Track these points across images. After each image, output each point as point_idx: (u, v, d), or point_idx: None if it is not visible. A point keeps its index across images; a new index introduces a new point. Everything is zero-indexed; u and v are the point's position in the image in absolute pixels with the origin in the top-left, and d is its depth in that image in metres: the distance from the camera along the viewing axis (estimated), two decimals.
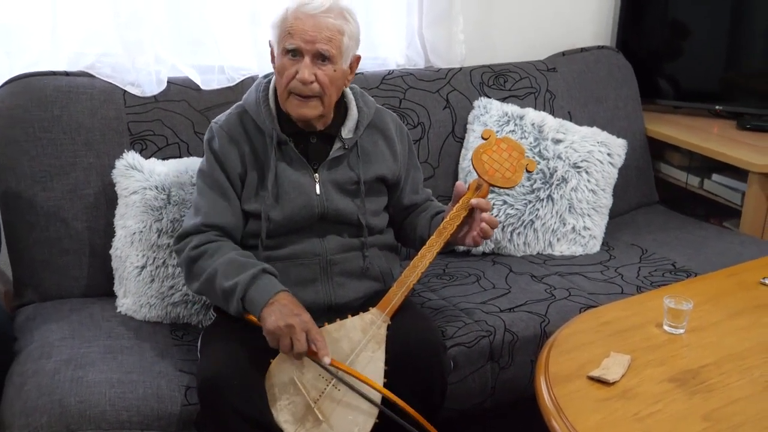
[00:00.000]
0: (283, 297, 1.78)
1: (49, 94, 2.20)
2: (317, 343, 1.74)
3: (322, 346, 1.74)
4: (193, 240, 1.90)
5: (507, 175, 1.99)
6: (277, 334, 1.73)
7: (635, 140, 2.98)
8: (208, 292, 1.88)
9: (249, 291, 1.79)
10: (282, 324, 1.72)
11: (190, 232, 1.92)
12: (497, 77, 2.82)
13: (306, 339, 1.73)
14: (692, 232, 2.81)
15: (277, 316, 1.73)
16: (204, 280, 1.85)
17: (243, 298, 1.79)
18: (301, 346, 1.72)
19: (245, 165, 1.94)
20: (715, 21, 3.11)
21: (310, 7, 1.83)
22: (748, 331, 1.90)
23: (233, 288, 1.79)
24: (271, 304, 1.76)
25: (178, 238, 1.95)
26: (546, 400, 1.63)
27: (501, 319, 2.17)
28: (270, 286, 1.80)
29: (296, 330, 1.72)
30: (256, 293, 1.78)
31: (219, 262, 1.84)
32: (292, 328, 1.72)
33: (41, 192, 2.18)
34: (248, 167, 1.94)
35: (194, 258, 1.88)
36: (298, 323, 1.73)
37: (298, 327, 1.72)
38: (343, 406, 1.76)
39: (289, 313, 1.74)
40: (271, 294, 1.78)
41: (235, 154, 1.94)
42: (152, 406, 1.79)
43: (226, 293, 1.81)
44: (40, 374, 1.82)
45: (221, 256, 1.86)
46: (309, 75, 1.84)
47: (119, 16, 2.30)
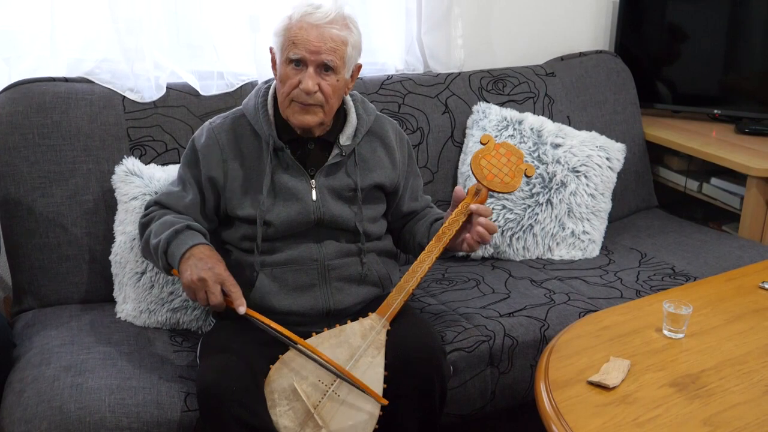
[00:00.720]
0: (199, 250, 1.82)
1: (48, 100, 2.20)
2: (232, 294, 1.77)
3: (237, 296, 1.78)
4: (148, 209, 2.01)
5: (506, 180, 1.99)
6: (192, 288, 1.77)
7: (634, 144, 2.99)
8: (147, 254, 1.96)
9: (170, 245, 1.83)
10: (195, 278, 1.76)
11: (149, 204, 2.03)
12: (496, 82, 2.82)
13: (221, 291, 1.77)
14: (691, 236, 2.81)
15: (192, 270, 1.77)
16: (143, 242, 1.94)
17: (165, 252, 1.84)
18: (215, 298, 1.76)
19: (224, 172, 1.95)
20: (714, 25, 3.11)
21: (314, 17, 1.83)
22: (748, 335, 1.90)
23: (157, 244, 1.85)
24: (188, 259, 1.80)
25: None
26: (546, 405, 1.63)
27: (501, 324, 2.17)
28: (188, 240, 1.83)
29: (209, 283, 1.75)
30: (175, 247, 1.83)
31: (155, 223, 1.92)
32: (204, 281, 1.76)
33: (41, 198, 2.18)
34: (230, 174, 1.95)
35: (143, 224, 1.98)
36: (211, 276, 1.76)
37: (210, 280, 1.76)
38: (343, 412, 1.75)
39: (203, 266, 1.77)
40: (187, 247, 1.81)
41: (217, 159, 1.95)
42: (152, 413, 1.79)
43: (154, 250, 1.87)
44: (39, 381, 1.82)
45: (160, 218, 1.93)
46: (313, 85, 1.84)
47: (118, 22, 2.30)
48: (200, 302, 1.79)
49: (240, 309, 1.78)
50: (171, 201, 1.99)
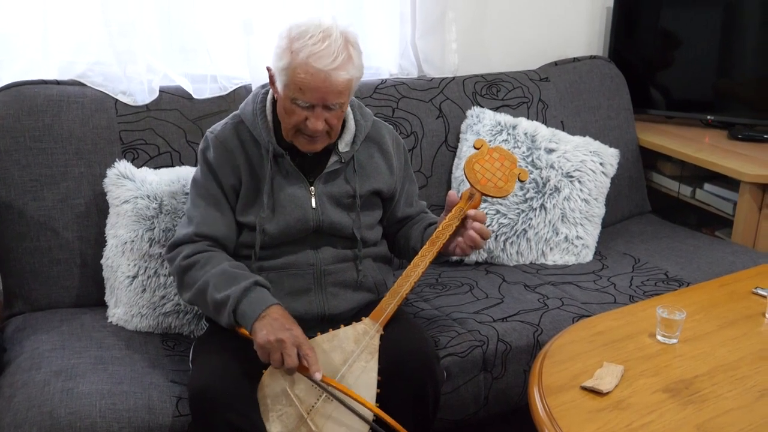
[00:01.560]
0: (274, 311, 1.77)
1: (40, 103, 2.19)
2: (308, 359, 1.72)
3: (314, 362, 1.72)
4: (185, 249, 1.89)
5: (499, 185, 1.99)
6: (267, 349, 1.71)
7: (627, 150, 2.99)
8: (200, 303, 1.87)
9: (241, 304, 1.77)
10: (273, 338, 1.70)
11: (183, 241, 1.91)
12: (490, 87, 2.82)
13: (297, 354, 1.72)
14: (684, 241, 2.81)
15: (268, 330, 1.72)
16: (196, 290, 1.85)
17: (235, 311, 1.78)
18: (292, 361, 1.70)
19: (239, 176, 1.93)
20: (707, 31, 3.12)
21: (322, 62, 1.76)
22: (741, 341, 1.90)
23: (225, 301, 1.78)
24: (263, 318, 1.75)
25: (170, 247, 1.94)
26: (539, 410, 1.62)
27: (494, 329, 2.17)
28: (262, 300, 1.78)
29: (287, 345, 1.70)
30: (247, 306, 1.77)
31: (211, 273, 1.83)
32: (282, 343, 1.70)
33: (32, 201, 2.17)
34: (243, 178, 1.93)
35: (186, 268, 1.87)
36: (289, 338, 1.71)
37: (288, 342, 1.71)
38: (336, 418, 1.75)
39: (280, 327, 1.73)
40: (263, 308, 1.76)
41: (230, 166, 1.93)
42: (143, 418, 1.78)
43: (217, 305, 1.80)
44: (29, 386, 1.81)
45: (213, 266, 1.85)
46: (322, 126, 1.83)
47: (111, 25, 2.29)
48: (274, 363, 1.73)
49: (316, 375, 1.72)
50: (213, 227, 1.92)
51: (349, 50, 1.80)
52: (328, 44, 1.77)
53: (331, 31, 1.79)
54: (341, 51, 1.78)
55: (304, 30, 1.79)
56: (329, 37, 1.78)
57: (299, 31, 1.79)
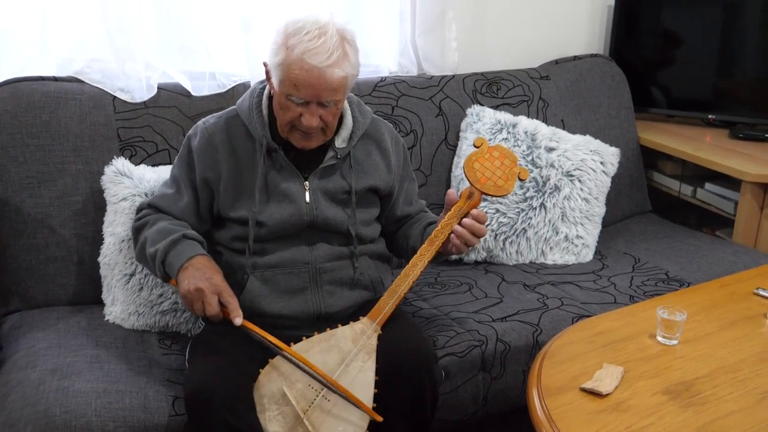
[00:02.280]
0: (198, 261, 1.81)
1: (37, 100, 2.18)
2: (229, 305, 1.77)
3: (234, 308, 1.78)
4: (142, 212, 2.00)
5: (499, 184, 1.98)
6: (189, 298, 1.77)
7: (628, 149, 2.98)
8: (143, 260, 1.95)
9: (168, 255, 1.83)
10: (192, 288, 1.76)
11: (142, 207, 2.02)
12: (490, 85, 2.81)
13: (218, 302, 1.76)
14: (685, 241, 2.80)
15: (189, 280, 1.77)
16: (138, 248, 1.93)
17: (163, 262, 1.83)
18: (212, 309, 1.76)
19: (218, 171, 1.93)
20: (708, 30, 3.11)
21: (317, 58, 1.75)
22: (742, 342, 1.89)
23: (155, 254, 1.84)
24: (186, 269, 1.80)
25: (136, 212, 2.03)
26: (538, 412, 1.61)
27: (493, 329, 2.15)
28: (187, 250, 1.83)
29: (206, 293, 1.76)
30: (174, 257, 1.82)
31: (151, 230, 1.90)
32: (201, 292, 1.76)
33: (29, 198, 2.16)
34: (223, 174, 1.93)
35: (137, 228, 1.96)
36: (208, 286, 1.76)
37: (207, 290, 1.76)
38: (333, 417, 1.74)
39: (201, 276, 1.77)
40: (186, 258, 1.81)
41: (210, 159, 1.94)
42: (139, 417, 1.77)
43: (152, 259, 1.86)
44: (24, 384, 1.80)
45: (155, 224, 1.91)
46: (316, 122, 1.83)
47: (109, 21, 2.28)
48: (197, 312, 1.78)
49: (236, 320, 1.77)
50: (165, 204, 1.98)
51: (344, 47, 1.79)
52: (324, 41, 1.76)
53: (327, 27, 1.78)
54: (336, 48, 1.77)
55: (301, 26, 1.78)
56: (325, 33, 1.77)
57: (295, 28, 1.78)
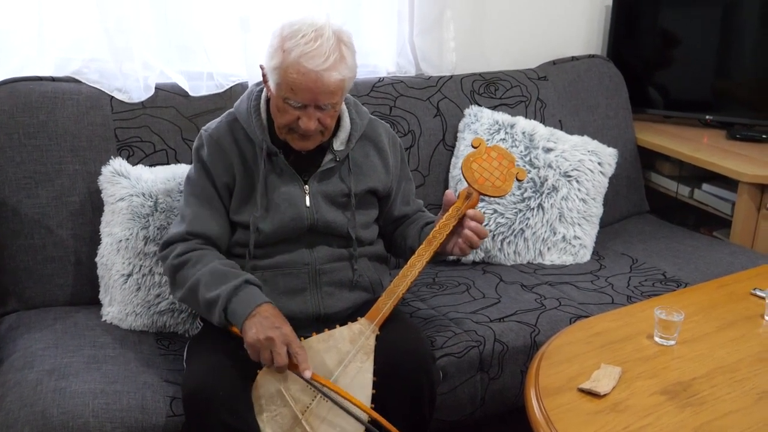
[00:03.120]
0: (265, 309, 1.76)
1: (34, 100, 2.18)
2: (298, 357, 1.71)
3: (303, 360, 1.71)
4: (178, 248, 1.88)
5: (497, 184, 1.98)
6: (257, 347, 1.71)
7: (626, 149, 2.98)
8: (192, 302, 1.86)
9: (231, 302, 1.77)
10: (262, 337, 1.70)
11: (175, 239, 1.90)
12: (488, 85, 2.81)
13: (287, 352, 1.71)
14: (682, 241, 2.80)
15: (257, 328, 1.71)
16: (187, 289, 1.84)
17: (225, 309, 1.77)
18: (281, 359, 1.70)
19: (233, 175, 1.92)
20: (706, 31, 3.11)
21: (313, 62, 1.74)
22: (739, 342, 1.89)
23: (215, 299, 1.77)
24: (253, 317, 1.74)
25: (163, 245, 1.93)
26: (536, 412, 1.61)
27: (491, 329, 2.15)
28: (252, 298, 1.77)
29: (276, 343, 1.70)
30: (238, 305, 1.76)
31: (202, 272, 1.82)
32: (272, 341, 1.70)
33: (26, 199, 2.16)
34: (237, 177, 1.92)
35: (178, 266, 1.86)
36: (278, 336, 1.70)
37: (278, 340, 1.70)
38: (331, 418, 1.73)
39: (270, 325, 1.72)
40: (253, 306, 1.75)
41: (223, 164, 1.92)
42: (136, 417, 1.76)
43: (209, 304, 1.79)
44: (22, 385, 1.79)
45: (204, 265, 1.84)
46: (314, 125, 1.82)
47: (107, 21, 2.28)
48: (264, 362, 1.72)
49: (306, 373, 1.70)
50: (203, 225, 1.90)
51: (341, 50, 1.79)
52: (320, 44, 1.75)
53: (324, 30, 1.77)
54: (333, 51, 1.76)
55: (297, 29, 1.77)
56: (321, 36, 1.76)
57: (291, 30, 1.78)
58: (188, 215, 1.92)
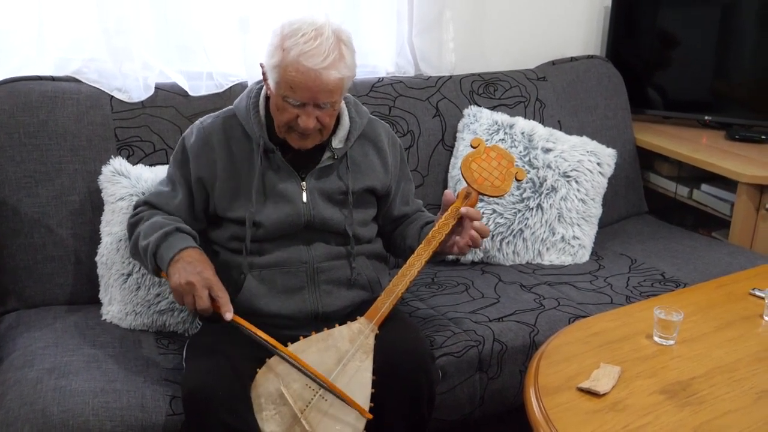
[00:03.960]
0: (188, 254, 1.80)
1: (34, 99, 2.18)
2: (219, 299, 1.75)
3: (225, 302, 1.76)
4: (137, 209, 1.99)
5: (496, 184, 1.98)
6: (179, 292, 1.75)
7: (624, 150, 2.98)
8: (135, 254, 1.94)
9: (159, 248, 1.82)
10: (183, 281, 1.74)
11: (138, 204, 2.01)
12: (487, 86, 2.81)
13: (209, 296, 1.75)
14: (681, 242, 2.81)
15: (180, 273, 1.76)
16: (132, 243, 1.92)
17: (155, 254, 1.82)
18: (203, 303, 1.74)
19: (213, 172, 1.93)
20: (705, 32, 3.11)
21: (312, 60, 1.75)
22: (738, 342, 1.89)
23: (146, 246, 1.83)
24: (176, 261, 1.79)
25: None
26: (535, 412, 1.62)
27: (490, 329, 2.16)
28: (178, 243, 1.82)
29: (197, 287, 1.74)
30: (164, 250, 1.81)
31: (144, 224, 1.90)
32: (192, 286, 1.74)
33: (26, 198, 2.16)
34: (219, 174, 1.93)
35: (132, 224, 1.96)
36: (199, 280, 1.74)
37: (198, 284, 1.74)
38: (330, 417, 1.73)
39: (192, 270, 1.76)
40: (177, 249, 1.80)
41: (205, 159, 1.94)
42: (136, 416, 1.76)
43: (143, 252, 1.85)
44: (22, 383, 1.79)
45: (149, 219, 1.91)
46: (313, 124, 1.82)
47: (106, 21, 2.28)
48: (187, 306, 1.77)
49: (227, 315, 1.75)
50: (160, 201, 1.97)
51: (341, 49, 1.79)
52: (320, 43, 1.76)
53: (323, 29, 1.78)
54: (332, 50, 1.77)
55: (297, 28, 1.78)
56: (321, 35, 1.77)
57: (291, 29, 1.78)
58: (154, 189, 2.04)
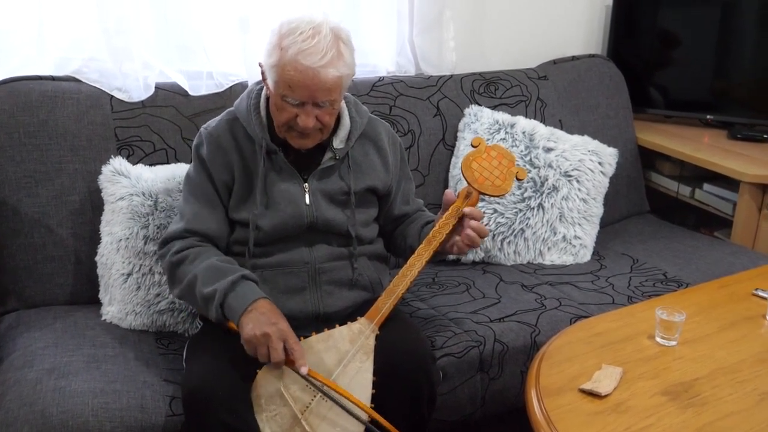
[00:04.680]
0: (261, 305, 1.76)
1: (34, 99, 2.18)
2: (294, 353, 1.71)
3: (300, 356, 1.71)
4: (176, 245, 1.89)
5: (497, 183, 1.97)
6: (254, 343, 1.71)
7: (626, 149, 2.98)
8: (189, 298, 1.87)
9: (228, 298, 1.77)
10: (258, 333, 1.70)
11: (174, 237, 1.91)
12: (488, 85, 2.80)
13: (283, 348, 1.71)
14: (683, 241, 2.80)
15: (254, 324, 1.71)
16: (185, 285, 1.84)
17: (222, 304, 1.77)
18: (278, 355, 1.70)
19: (232, 173, 1.92)
20: (706, 31, 3.11)
21: (310, 59, 1.74)
22: (741, 343, 1.89)
23: (212, 294, 1.78)
24: (249, 312, 1.74)
25: (162, 243, 1.94)
26: (537, 413, 1.61)
27: (491, 329, 2.15)
28: (249, 293, 1.77)
29: (272, 339, 1.70)
30: (234, 300, 1.76)
31: (200, 268, 1.82)
32: (268, 337, 1.70)
33: (26, 198, 2.15)
34: (236, 175, 1.92)
35: (176, 263, 1.87)
36: (275, 332, 1.71)
37: (274, 336, 1.70)
38: (331, 418, 1.73)
39: (267, 321, 1.72)
40: (250, 301, 1.76)
41: (223, 162, 1.92)
42: (136, 417, 1.76)
43: (205, 300, 1.79)
44: (21, 384, 1.79)
45: (202, 261, 1.84)
46: (312, 123, 1.82)
47: (106, 21, 2.27)
48: (260, 358, 1.72)
49: (302, 369, 1.71)
50: (203, 225, 1.91)
51: (339, 47, 1.79)
52: (318, 41, 1.75)
53: (321, 27, 1.77)
54: (330, 48, 1.76)
55: (295, 27, 1.77)
56: (319, 33, 1.76)
57: (289, 28, 1.78)
58: (187, 213, 1.92)
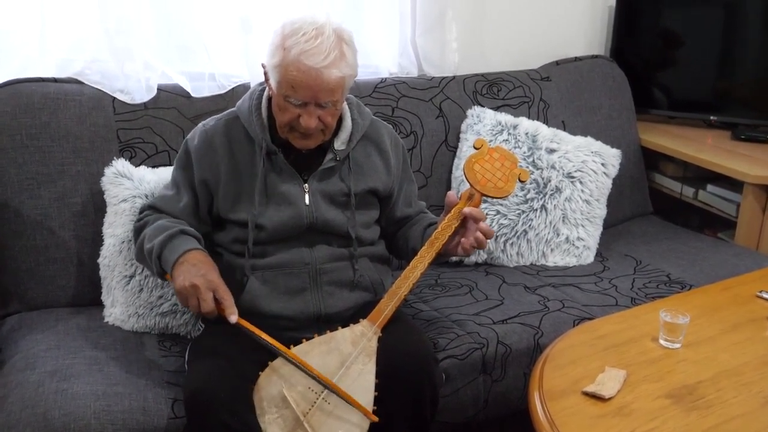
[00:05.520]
0: (193, 256, 1.80)
1: (37, 101, 2.18)
2: (224, 301, 1.76)
3: (229, 305, 1.76)
4: (143, 213, 2.00)
5: (499, 185, 1.97)
6: (183, 294, 1.75)
7: (629, 150, 2.97)
8: (140, 258, 1.94)
9: (164, 250, 1.82)
10: (187, 284, 1.74)
11: (142, 209, 2.02)
12: (491, 86, 2.80)
13: (213, 298, 1.75)
14: (687, 243, 2.79)
15: (184, 276, 1.76)
16: (137, 246, 1.92)
17: (159, 256, 1.82)
18: (207, 305, 1.74)
19: (216, 174, 1.93)
20: (710, 31, 3.10)
21: (313, 59, 1.74)
22: (745, 345, 1.88)
23: (151, 249, 1.84)
24: (181, 264, 1.78)
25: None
26: (540, 416, 1.60)
27: (494, 331, 2.14)
28: (182, 245, 1.82)
29: (201, 290, 1.74)
30: (169, 252, 1.81)
31: (149, 228, 1.90)
32: (197, 288, 1.74)
33: (28, 200, 2.15)
34: (223, 177, 1.92)
35: (137, 228, 1.97)
36: (203, 283, 1.74)
37: (203, 287, 1.74)
38: (333, 420, 1.73)
39: (196, 273, 1.76)
40: (181, 251, 1.79)
41: (209, 161, 1.93)
42: (138, 419, 1.76)
43: (148, 254, 1.85)
44: (23, 386, 1.79)
45: (154, 222, 1.91)
46: (315, 123, 1.82)
47: (108, 22, 2.27)
48: (191, 309, 1.77)
49: (231, 318, 1.75)
50: (165, 205, 1.97)
51: (342, 48, 1.79)
52: (321, 41, 1.75)
53: (324, 28, 1.77)
54: (333, 48, 1.76)
55: (297, 27, 1.78)
56: (322, 34, 1.76)
57: (292, 29, 1.78)
58: (159, 193, 2.04)
